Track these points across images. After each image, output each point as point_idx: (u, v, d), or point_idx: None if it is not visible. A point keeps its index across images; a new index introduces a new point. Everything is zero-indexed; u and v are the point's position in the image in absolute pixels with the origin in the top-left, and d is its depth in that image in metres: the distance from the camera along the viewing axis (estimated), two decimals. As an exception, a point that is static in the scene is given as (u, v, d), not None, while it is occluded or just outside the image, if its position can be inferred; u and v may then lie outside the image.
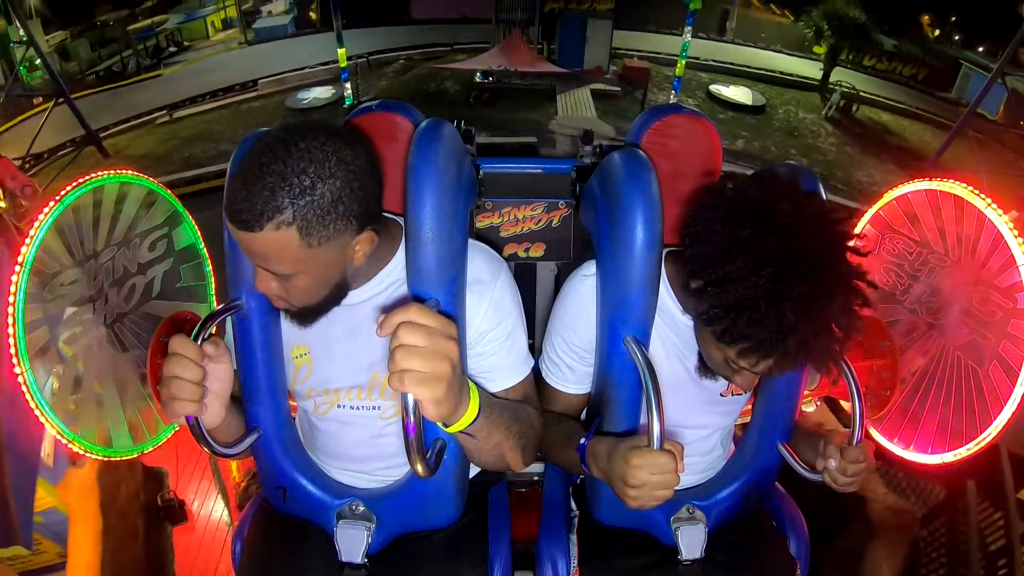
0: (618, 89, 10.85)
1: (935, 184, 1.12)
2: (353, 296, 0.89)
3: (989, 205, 1.02)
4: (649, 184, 0.89)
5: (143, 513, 1.53)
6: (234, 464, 1.66)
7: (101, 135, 8.26)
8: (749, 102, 10.99)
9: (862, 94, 11.15)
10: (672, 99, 7.44)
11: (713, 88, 11.22)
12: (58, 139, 7.72)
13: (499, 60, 10.51)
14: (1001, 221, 1.00)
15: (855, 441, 0.87)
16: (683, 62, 7.43)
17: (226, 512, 1.71)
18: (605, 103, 10.31)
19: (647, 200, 0.87)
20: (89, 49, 12.63)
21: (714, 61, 12.47)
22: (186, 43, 14.65)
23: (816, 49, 13.39)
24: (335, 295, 0.85)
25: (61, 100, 7.47)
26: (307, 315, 0.86)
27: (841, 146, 9.79)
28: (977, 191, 1.04)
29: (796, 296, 0.71)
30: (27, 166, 7.28)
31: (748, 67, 12.65)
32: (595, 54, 11.64)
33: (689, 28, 8.79)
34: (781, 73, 12.70)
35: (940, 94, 13.20)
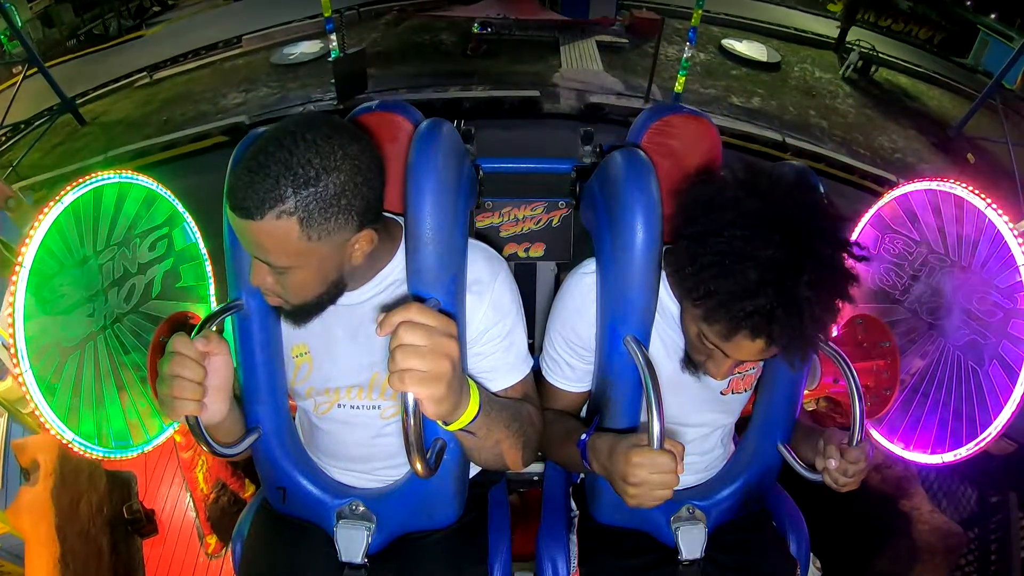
0: (625, 41, 10.15)
1: (935, 184, 1.12)
2: (353, 296, 0.89)
3: (989, 205, 1.02)
4: (649, 184, 0.89)
5: (108, 528, 1.41)
6: (200, 475, 1.55)
7: (79, 101, 7.88)
8: (764, 59, 10.30)
9: (881, 55, 10.49)
10: (686, 51, 6.82)
11: (725, 43, 10.53)
12: (39, 107, 7.39)
13: (498, 8, 9.82)
14: (1001, 221, 1.00)
15: (855, 441, 0.87)
16: (699, 12, 6.89)
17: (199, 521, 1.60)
18: (612, 56, 9.58)
19: (647, 200, 0.87)
20: (72, 13, 12.09)
21: (726, 15, 11.75)
22: (170, 1, 13.92)
23: (830, 7, 12.87)
24: (331, 294, 0.84)
25: (34, 70, 7.05)
26: (301, 314, 0.85)
27: (860, 108, 9.16)
28: (977, 191, 1.05)
29: (762, 258, 0.71)
30: (3, 138, 6.98)
31: (761, 21, 12.00)
32: (601, 4, 10.88)
33: (707, -28, 7.77)
34: (795, 30, 12.04)
35: (957, 59, 12.61)
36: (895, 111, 9.40)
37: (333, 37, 6.88)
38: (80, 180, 1.02)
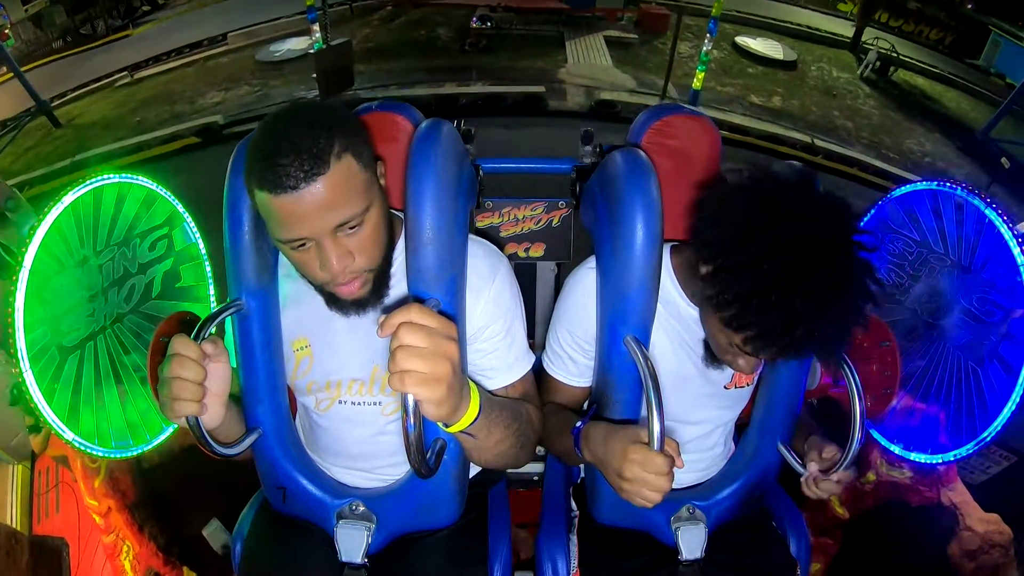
0: (635, 37, 9.66)
1: (935, 185, 1.12)
2: None
3: (990, 206, 1.02)
4: (649, 184, 0.89)
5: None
6: (127, 563, 1.32)
7: (58, 103, 7.67)
8: (780, 57, 9.92)
9: (900, 56, 10.06)
10: (706, 44, 6.48)
11: (739, 40, 10.10)
12: (19, 109, 7.10)
13: (496, -2, 9.22)
14: (1001, 221, 1.00)
15: (855, 441, 0.87)
16: (720, 1, 6.54)
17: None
18: (621, 52, 9.07)
19: (647, 200, 0.87)
20: (65, 16, 12.02)
21: (737, 11, 11.16)
22: (160, 1, 13.92)
23: (840, 7, 12.56)
24: (392, 242, 0.87)
25: (11, 74, 6.84)
26: (379, 285, 0.85)
27: (883, 110, 8.82)
28: (977, 191, 1.04)
29: (807, 288, 0.71)
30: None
31: (773, 19, 11.60)
32: (608, -2, 10.51)
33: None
34: (808, 28, 11.67)
35: (968, 60, 12.46)
36: (917, 113, 8.96)
37: (316, 28, 6.41)
38: (80, 181, 1.02)
